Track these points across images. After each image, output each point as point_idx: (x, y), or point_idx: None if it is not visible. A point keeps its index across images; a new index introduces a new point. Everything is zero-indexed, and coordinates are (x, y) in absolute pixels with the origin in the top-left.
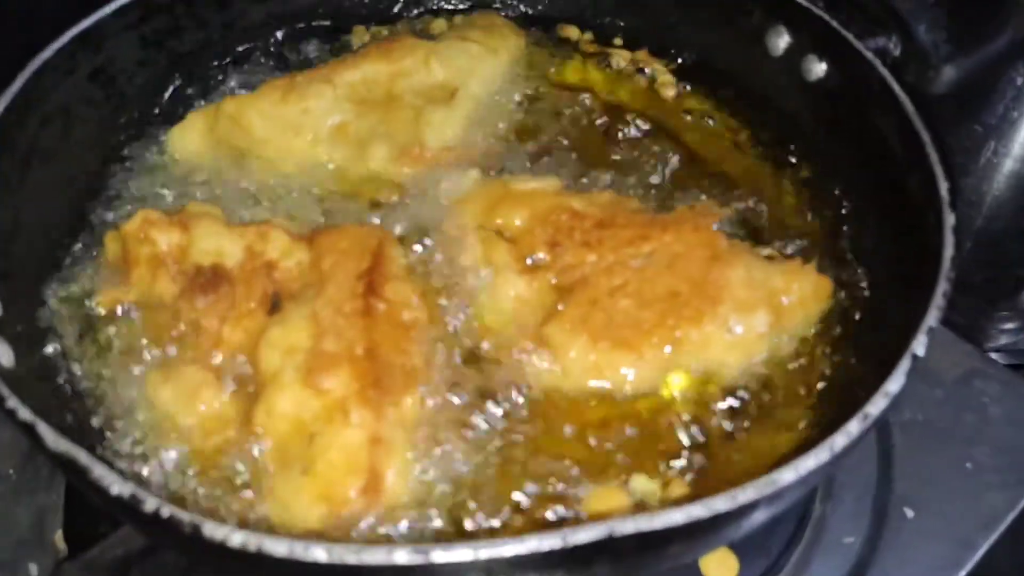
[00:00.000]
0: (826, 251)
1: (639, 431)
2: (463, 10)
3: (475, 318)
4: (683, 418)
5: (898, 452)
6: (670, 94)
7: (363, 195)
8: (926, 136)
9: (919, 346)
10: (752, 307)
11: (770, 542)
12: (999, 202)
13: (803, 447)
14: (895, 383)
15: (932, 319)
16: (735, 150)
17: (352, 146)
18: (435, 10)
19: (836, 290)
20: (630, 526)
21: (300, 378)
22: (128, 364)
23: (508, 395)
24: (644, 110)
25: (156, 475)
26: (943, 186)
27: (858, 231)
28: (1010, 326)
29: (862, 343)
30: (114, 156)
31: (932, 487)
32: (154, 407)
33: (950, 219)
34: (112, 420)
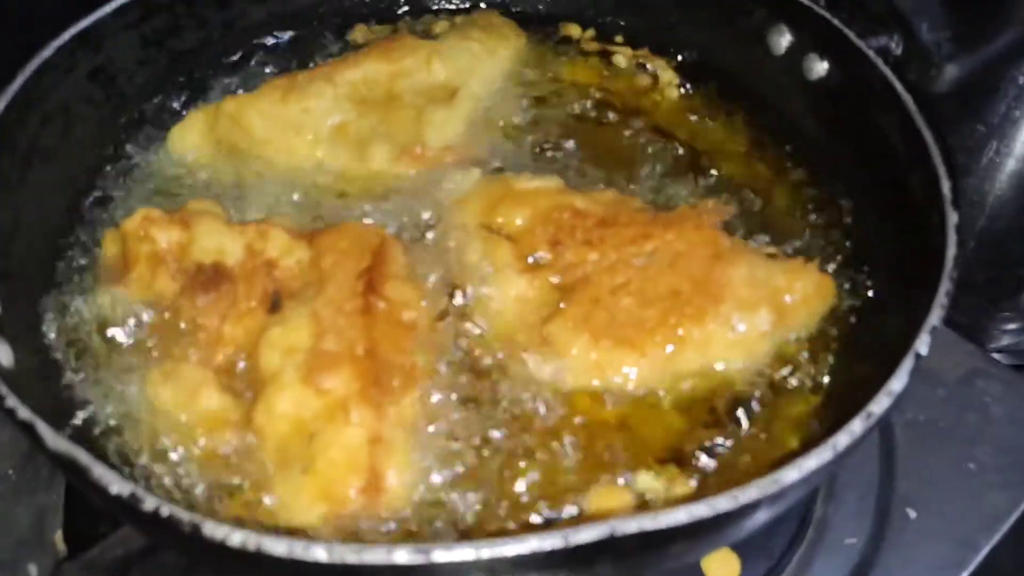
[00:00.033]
0: (828, 250)
1: (641, 430)
2: (464, 10)
3: (476, 317)
4: (685, 417)
5: (900, 452)
6: (672, 93)
7: (364, 195)
8: (928, 135)
9: (922, 345)
10: (754, 306)
11: (772, 542)
12: (1001, 202)
13: (806, 446)
14: (898, 382)
15: (935, 318)
16: (737, 149)
17: (353, 146)
18: (436, 10)
19: (838, 289)
20: (632, 525)
21: (300, 377)
22: (128, 363)
23: (509, 394)
24: (646, 109)
25: (156, 474)
26: (945, 185)
27: (860, 230)
28: (1012, 326)
29: (864, 343)
30: (114, 155)
31: (934, 487)
32: (154, 406)
33: (953, 218)
34: (112, 419)
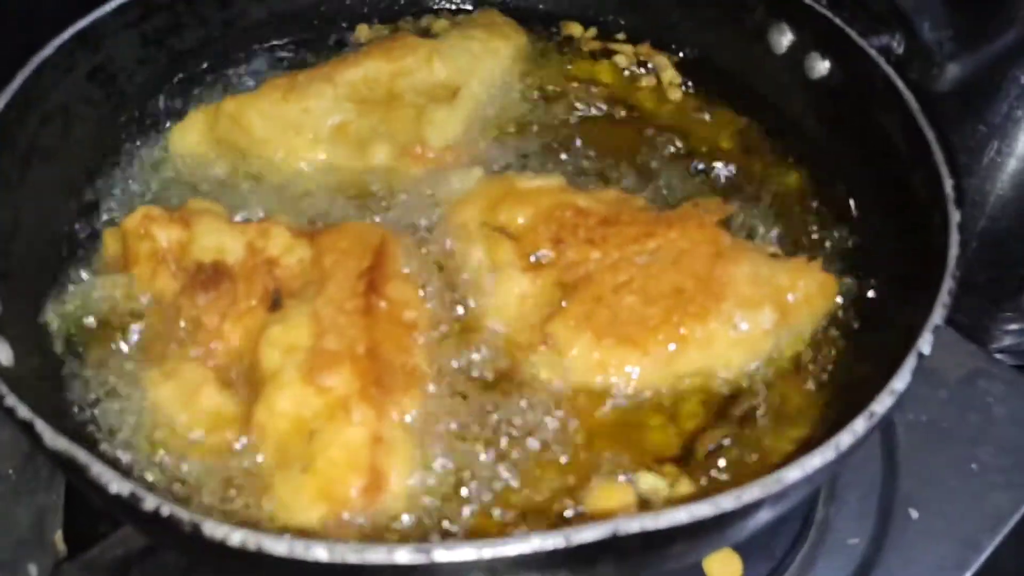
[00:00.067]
0: (830, 249)
1: (643, 429)
2: (465, 9)
3: (478, 316)
4: (687, 416)
5: (902, 453)
6: (674, 93)
7: (364, 194)
8: (930, 133)
9: (925, 344)
10: (757, 304)
11: (774, 543)
12: (1003, 202)
13: (808, 445)
14: (901, 381)
15: (938, 317)
16: (738, 148)
17: (353, 145)
18: (437, 9)
19: (840, 288)
20: (634, 525)
21: (301, 376)
22: (128, 362)
23: (511, 393)
24: (647, 108)
25: (156, 473)
26: (948, 183)
27: (862, 229)
28: (1014, 327)
29: (867, 342)
30: (114, 155)
31: (937, 488)
32: (154, 405)
33: (955, 216)
34: (111, 418)
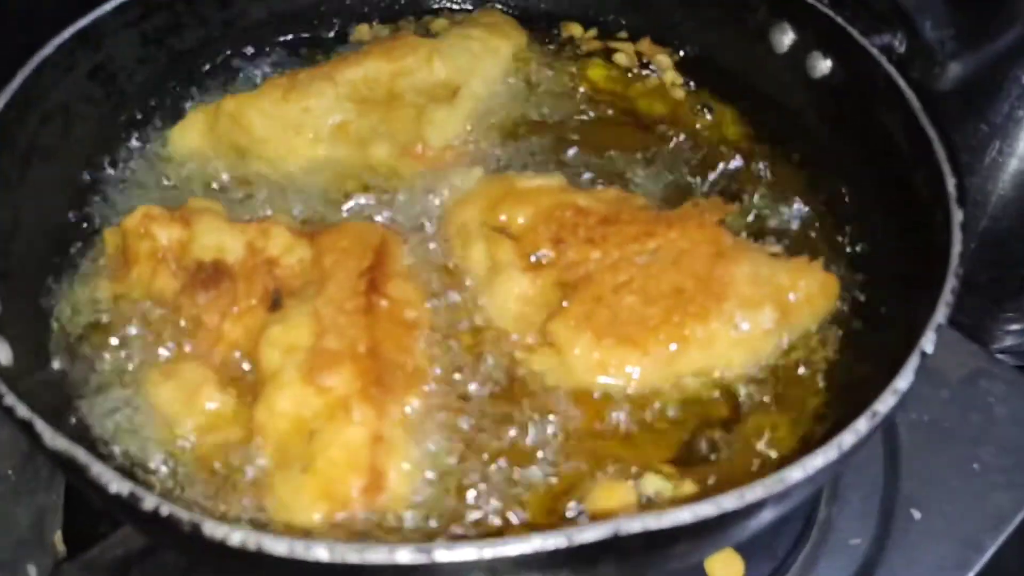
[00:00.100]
0: (832, 248)
1: (644, 429)
2: (466, 9)
3: (479, 316)
4: (688, 416)
5: (904, 453)
6: (675, 92)
7: (365, 194)
8: (932, 132)
9: (928, 343)
10: (758, 304)
11: (776, 543)
12: (1004, 202)
13: (811, 445)
14: (904, 380)
15: (941, 315)
16: (739, 147)
17: (353, 145)
18: (437, 8)
19: (842, 288)
20: (636, 525)
21: (301, 376)
22: (128, 361)
23: (511, 393)
24: (648, 107)
25: (156, 473)
26: (950, 182)
27: (864, 229)
28: (1016, 327)
29: (869, 341)
30: (114, 154)
31: (939, 488)
32: (154, 405)
33: (958, 215)
34: (112, 418)
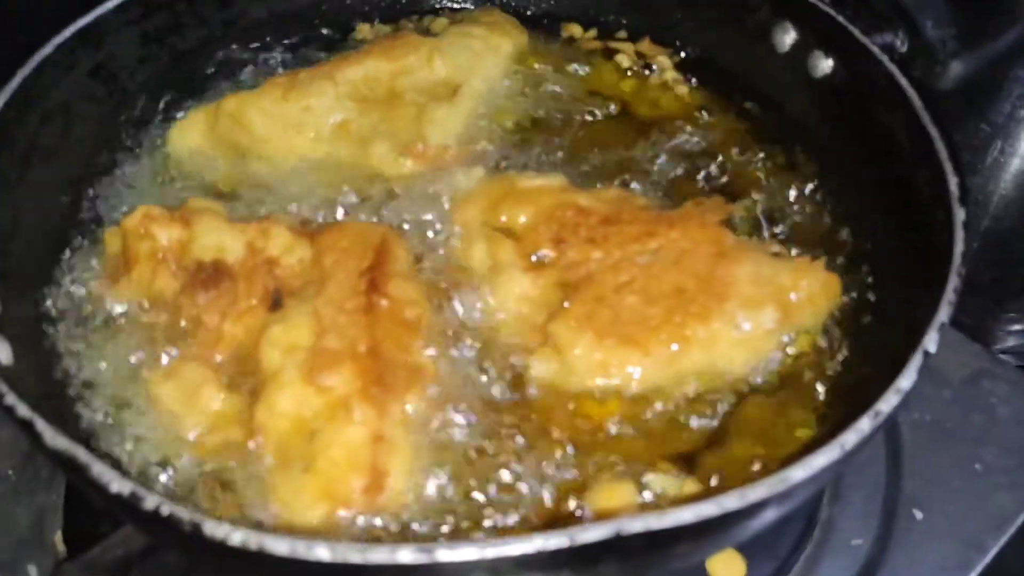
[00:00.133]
0: (833, 248)
1: (645, 429)
2: (466, 8)
3: (480, 316)
4: (689, 416)
5: (907, 453)
6: (675, 91)
7: (365, 193)
8: (934, 131)
9: (930, 342)
10: (760, 304)
11: (778, 543)
12: (1006, 201)
13: (813, 445)
14: (907, 379)
15: (944, 315)
16: (740, 147)
17: (354, 144)
18: (438, 8)
19: (844, 287)
20: (638, 525)
21: (301, 375)
22: (128, 361)
23: (513, 393)
24: (648, 107)
25: (156, 473)
26: (952, 181)
27: (865, 228)
28: (1018, 328)
29: (871, 341)
30: (114, 153)
31: (941, 488)
32: (154, 405)
33: (960, 214)
34: (112, 418)
